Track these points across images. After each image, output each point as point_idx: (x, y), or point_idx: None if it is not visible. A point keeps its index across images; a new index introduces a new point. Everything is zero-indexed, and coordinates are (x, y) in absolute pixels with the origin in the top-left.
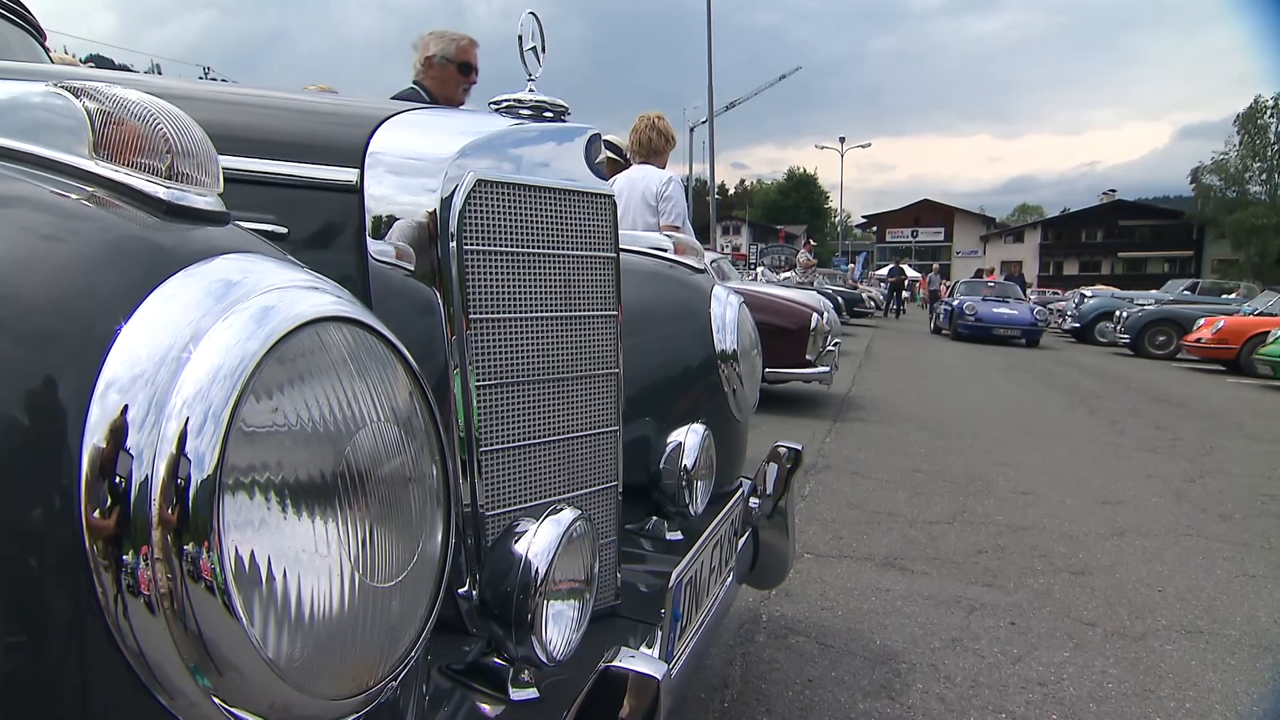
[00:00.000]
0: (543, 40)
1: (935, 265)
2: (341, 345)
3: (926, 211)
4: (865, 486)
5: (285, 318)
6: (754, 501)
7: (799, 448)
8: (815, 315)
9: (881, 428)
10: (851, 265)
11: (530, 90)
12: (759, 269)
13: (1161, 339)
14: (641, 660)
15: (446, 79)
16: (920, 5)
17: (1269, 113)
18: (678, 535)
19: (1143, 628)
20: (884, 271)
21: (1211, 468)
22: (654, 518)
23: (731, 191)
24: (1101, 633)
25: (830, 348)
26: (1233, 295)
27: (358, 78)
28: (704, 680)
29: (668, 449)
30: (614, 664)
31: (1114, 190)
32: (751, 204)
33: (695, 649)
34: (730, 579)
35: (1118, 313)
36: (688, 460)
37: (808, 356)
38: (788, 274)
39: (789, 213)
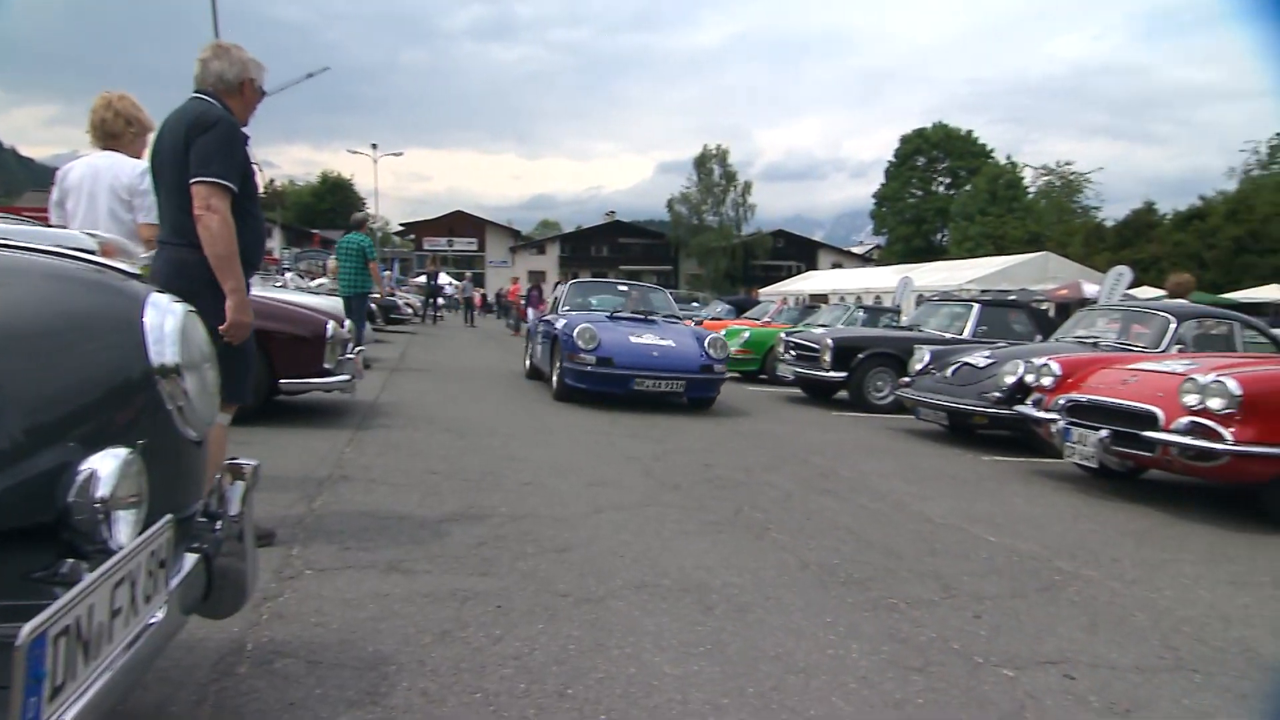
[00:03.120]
0: None
1: (468, 274)
2: None
3: (460, 222)
4: (380, 493)
5: None
6: (219, 526)
7: (255, 463)
8: (332, 323)
9: (405, 433)
10: (389, 272)
11: None
12: (287, 274)
13: None
14: None
15: (252, 104)
16: (449, 25)
17: (713, 159)
18: None
19: (604, 590)
20: (422, 279)
21: (673, 448)
22: (69, 560)
23: (260, 191)
24: (572, 601)
25: (351, 355)
26: (695, 304)
27: None
28: None
29: (78, 479)
30: None
31: (614, 212)
32: (284, 205)
33: (94, 704)
34: (158, 615)
35: None
36: (103, 490)
37: (326, 365)
38: (321, 280)
39: (325, 216)
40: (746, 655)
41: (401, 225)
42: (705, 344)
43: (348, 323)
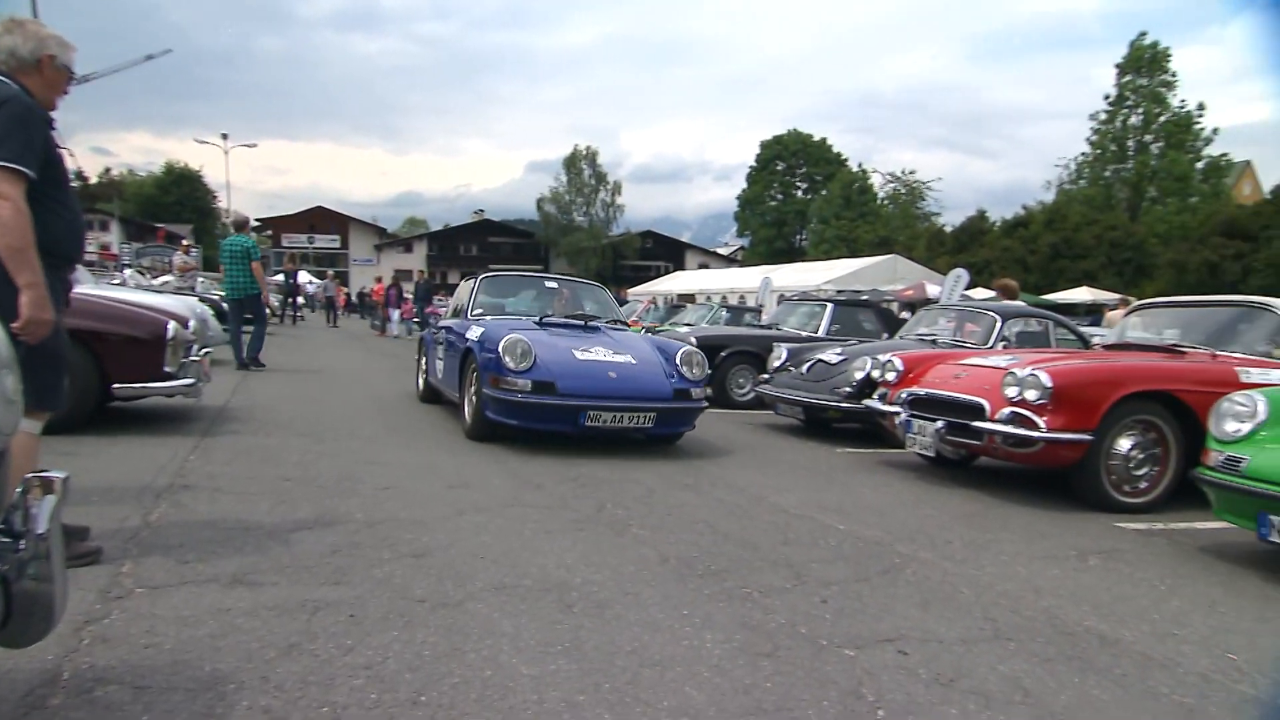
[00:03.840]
0: None
1: (330, 272)
2: None
3: (322, 218)
4: (226, 502)
5: None
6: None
7: (64, 475)
8: (173, 324)
9: (257, 438)
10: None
11: None
12: (127, 271)
13: None
14: None
15: (56, 84)
16: (308, 13)
17: (584, 159)
18: None
19: (463, 594)
20: (280, 278)
21: (541, 449)
22: None
23: (94, 181)
24: (429, 606)
25: (197, 357)
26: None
27: None
28: None
29: None
30: None
31: (483, 210)
32: (122, 197)
33: None
34: None
35: None
36: None
37: (167, 369)
38: (166, 278)
39: (171, 210)
40: (604, 651)
41: (258, 220)
42: (676, 359)
43: (193, 323)
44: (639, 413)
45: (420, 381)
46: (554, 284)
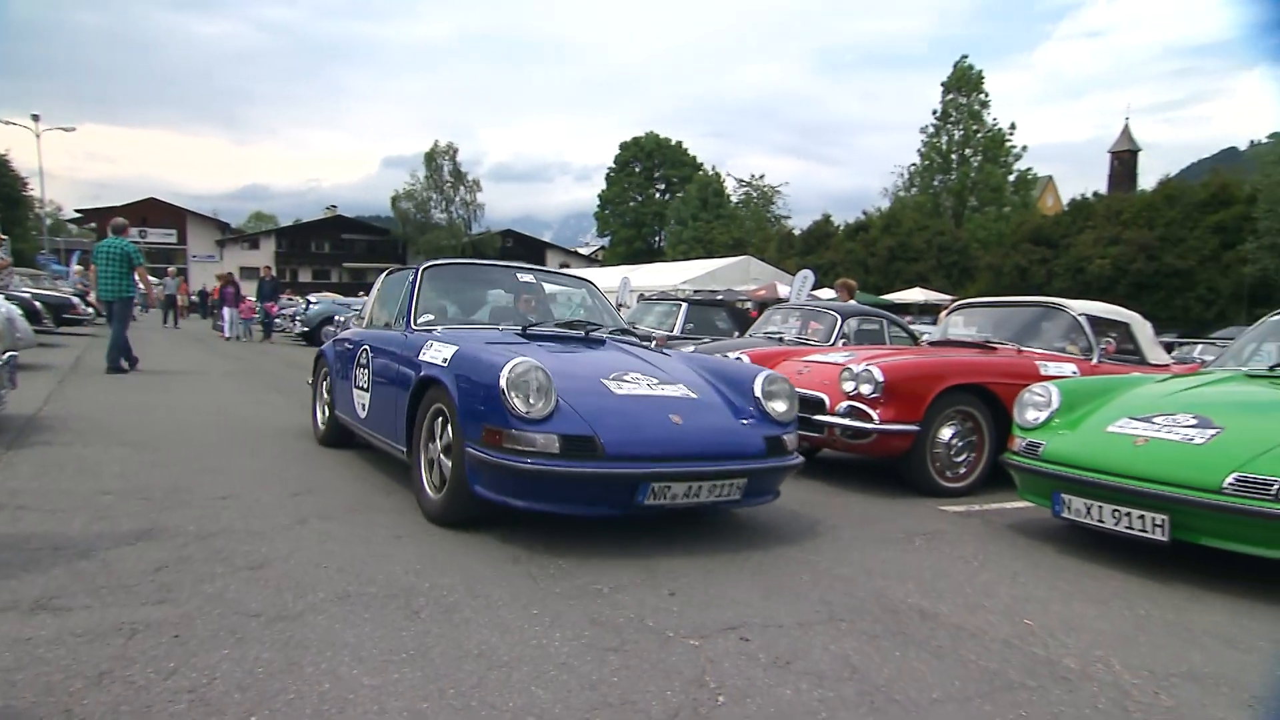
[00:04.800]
0: None
1: (171, 269)
2: None
3: (155, 211)
4: (30, 521)
5: None
6: None
7: None
8: None
9: (73, 449)
10: (80, 267)
11: None
12: None
13: None
14: None
15: None
16: None
17: (444, 155)
18: None
19: (303, 605)
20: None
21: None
22: None
23: None
24: (264, 620)
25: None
26: None
27: None
28: None
29: None
30: None
31: (336, 206)
32: None
33: None
34: None
35: (337, 317)
36: None
37: None
38: None
39: None
40: (450, 656)
41: (78, 211)
42: (754, 389)
43: (6, 323)
44: (724, 479)
45: (320, 415)
46: (527, 278)
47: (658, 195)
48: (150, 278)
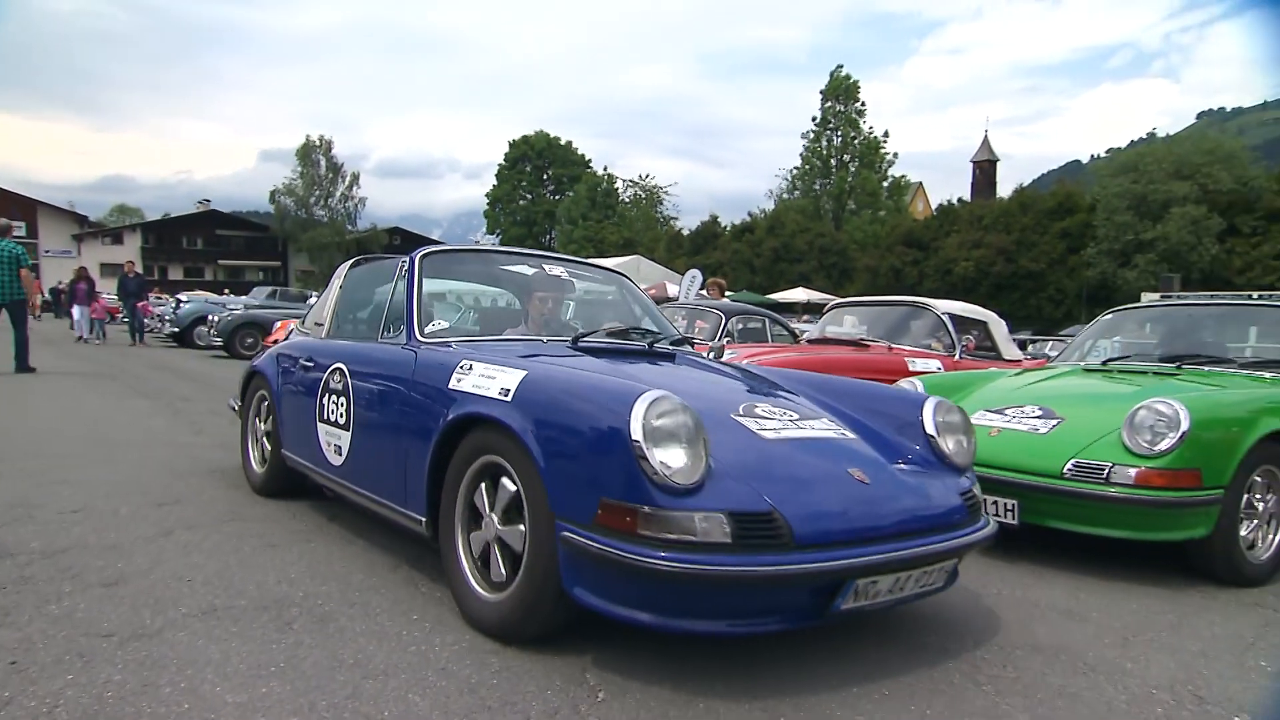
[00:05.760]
0: None
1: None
2: None
3: (1, 201)
4: None
5: None
6: None
7: None
8: None
9: None
10: None
11: None
12: None
13: (250, 340)
14: None
15: None
16: None
17: (318, 150)
18: None
19: (162, 622)
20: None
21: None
22: None
23: None
24: (117, 640)
25: None
26: (310, 300)
27: None
28: None
29: None
30: None
31: (209, 200)
32: None
33: None
34: None
35: (211, 316)
36: None
37: None
38: None
39: None
40: (323, 667)
41: None
42: (925, 423)
43: None
44: (933, 563)
45: (255, 455)
46: (559, 270)
47: (548, 194)
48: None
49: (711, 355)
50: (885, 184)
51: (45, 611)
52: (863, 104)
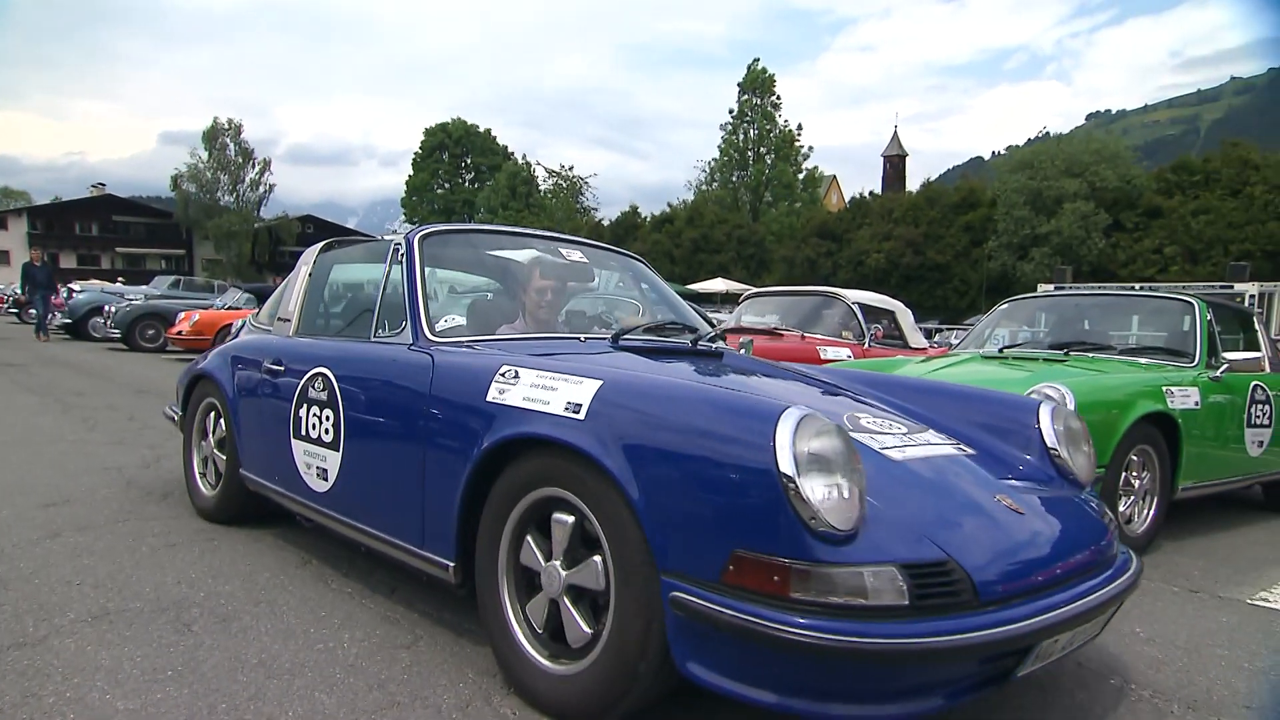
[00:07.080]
0: None
1: None
2: None
3: None
4: None
5: None
6: None
7: None
8: None
9: None
10: None
11: None
12: None
13: (150, 332)
14: None
15: None
16: None
17: (226, 134)
18: None
19: (47, 629)
20: None
21: (170, 451)
22: None
23: None
24: None
25: None
26: (232, 293)
27: None
28: None
29: None
30: None
31: (104, 184)
32: None
33: None
34: None
35: (108, 307)
36: None
37: None
38: None
39: None
40: (224, 669)
41: None
42: (1041, 430)
43: None
44: (1096, 610)
45: (201, 474)
46: (577, 254)
47: (466, 183)
48: None
49: (743, 354)
50: (800, 176)
51: None
52: (778, 97)
